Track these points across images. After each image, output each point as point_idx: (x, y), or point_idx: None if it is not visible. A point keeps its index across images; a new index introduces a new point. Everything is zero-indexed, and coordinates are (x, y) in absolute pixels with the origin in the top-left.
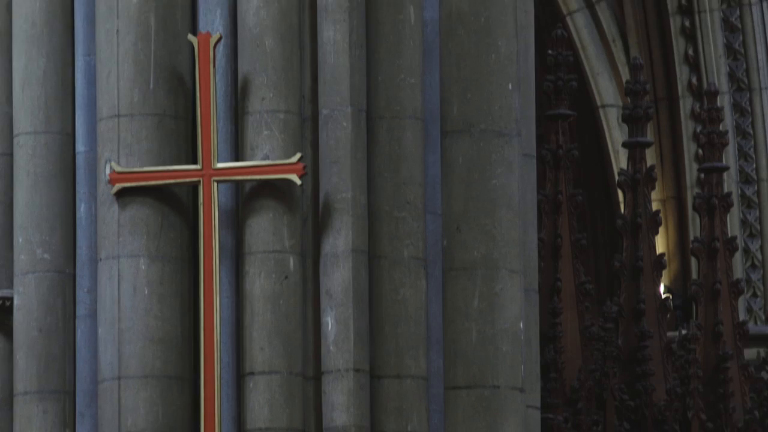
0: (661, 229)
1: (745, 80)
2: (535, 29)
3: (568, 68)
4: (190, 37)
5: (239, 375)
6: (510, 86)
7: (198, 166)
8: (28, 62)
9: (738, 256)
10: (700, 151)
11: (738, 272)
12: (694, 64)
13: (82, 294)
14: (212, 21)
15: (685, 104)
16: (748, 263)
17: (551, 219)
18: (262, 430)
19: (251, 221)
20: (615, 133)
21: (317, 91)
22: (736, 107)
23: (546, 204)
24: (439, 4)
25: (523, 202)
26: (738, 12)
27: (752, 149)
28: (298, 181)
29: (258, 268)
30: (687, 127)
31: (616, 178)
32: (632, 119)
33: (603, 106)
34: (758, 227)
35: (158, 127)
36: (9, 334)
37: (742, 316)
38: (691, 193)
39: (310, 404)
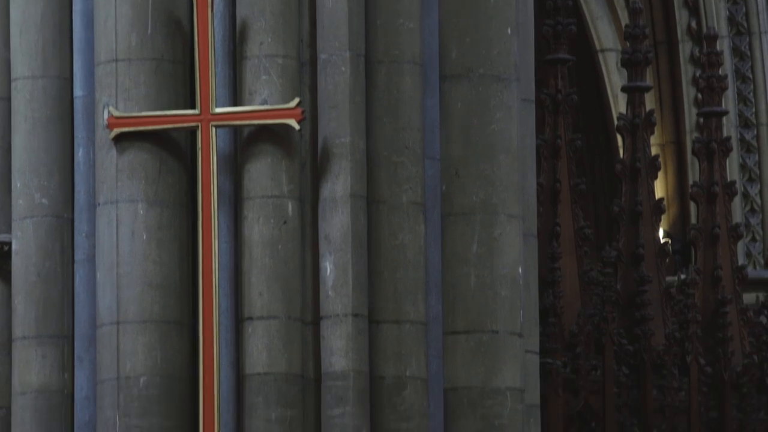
0: (660, 174)
1: (745, 24)
2: None
3: (567, 12)
4: None
5: (238, 320)
6: (509, 31)
7: (196, 111)
8: (25, 6)
9: (737, 201)
10: (700, 95)
11: (737, 216)
12: (693, 8)
13: (80, 239)
14: None
15: (685, 48)
16: (747, 207)
17: (550, 164)
18: (261, 374)
19: (250, 166)
20: (614, 78)
21: (316, 36)
22: (736, 51)
23: (545, 149)
24: None
25: (522, 147)
26: None
27: (752, 93)
28: (297, 126)
29: (256, 213)
30: (686, 71)
31: (615, 122)
32: (631, 63)
33: (602, 51)
34: (757, 171)
35: (156, 71)
36: (7, 279)
37: (741, 260)
38: (690, 137)
39: (309, 349)
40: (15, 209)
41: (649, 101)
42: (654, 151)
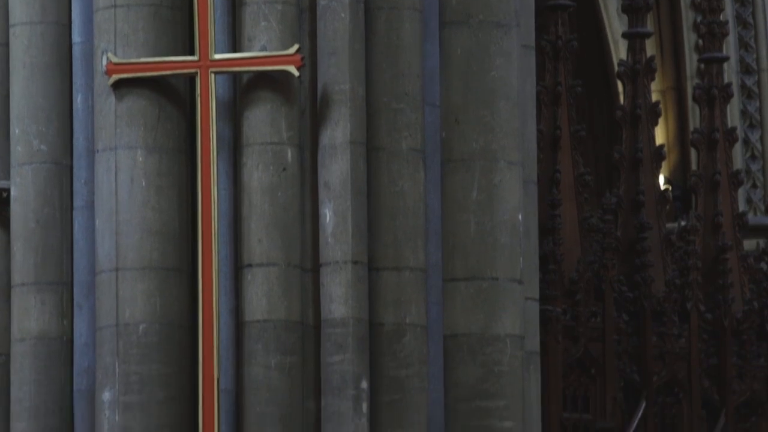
0: (661, 120)
1: None
2: None
3: None
4: None
5: (237, 267)
6: None
7: (195, 57)
8: None
9: (738, 147)
10: (700, 41)
11: (738, 163)
12: None
13: (79, 185)
14: None
15: None
16: (748, 154)
17: (550, 110)
18: (260, 321)
19: (249, 113)
20: (615, 24)
21: None
22: None
23: (545, 95)
24: None
25: (522, 94)
26: None
27: (752, 39)
28: (296, 73)
29: (256, 160)
30: (687, 17)
31: (616, 68)
32: (632, 9)
33: None
34: (758, 118)
35: (155, 17)
36: (6, 226)
37: (741, 206)
38: (691, 83)
39: (309, 296)
40: (14, 156)
41: (650, 47)
42: (654, 97)
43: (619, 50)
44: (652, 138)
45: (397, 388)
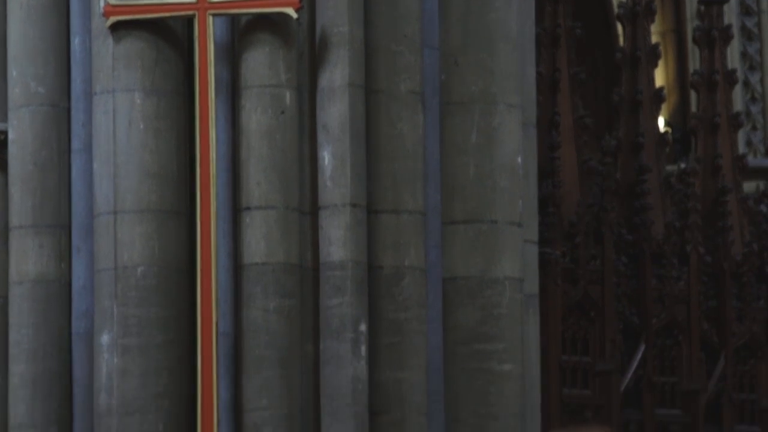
0: (661, 62)
1: None
2: None
3: None
4: None
5: (235, 210)
6: None
7: (193, 0)
8: None
9: (738, 89)
10: None
11: (738, 105)
12: None
13: (77, 128)
14: None
15: None
16: (748, 96)
17: (550, 52)
18: (259, 264)
19: (247, 55)
20: None
21: None
22: None
23: (544, 37)
24: None
25: (522, 36)
26: None
27: None
28: (294, 15)
29: (254, 102)
30: None
31: (616, 10)
32: None
33: None
34: (758, 59)
35: None
36: (4, 168)
37: (741, 149)
38: (690, 25)
39: (307, 239)
40: (11, 98)
41: None
42: (654, 39)
43: None
44: (652, 80)
45: (396, 331)
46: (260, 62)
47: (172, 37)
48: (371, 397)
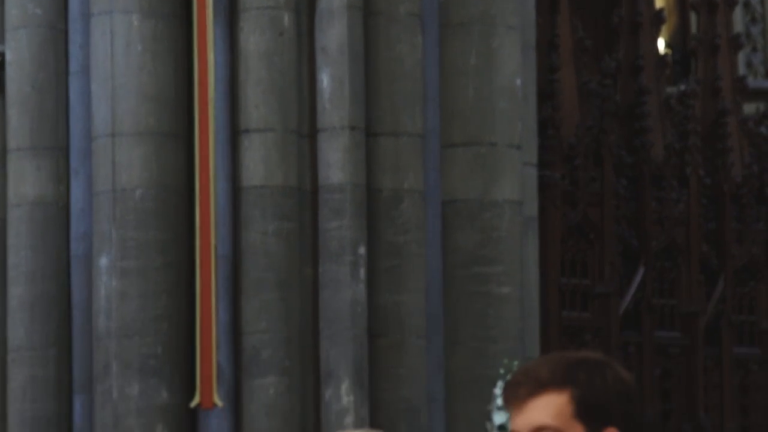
0: None
1: None
2: None
3: None
4: None
5: (234, 132)
6: None
7: None
8: None
9: (738, 10)
10: None
11: (738, 26)
12: None
13: (74, 50)
14: None
15: None
16: (749, 17)
17: None
18: (257, 187)
19: None
20: None
21: None
22: None
23: None
24: None
25: None
26: None
27: None
28: None
29: (252, 24)
30: None
31: None
32: None
33: None
34: None
35: None
36: (1, 91)
37: (741, 70)
38: None
39: (306, 162)
40: (8, 19)
41: None
42: None
43: None
44: (652, 1)
45: (395, 254)
46: None
47: None
48: (370, 320)
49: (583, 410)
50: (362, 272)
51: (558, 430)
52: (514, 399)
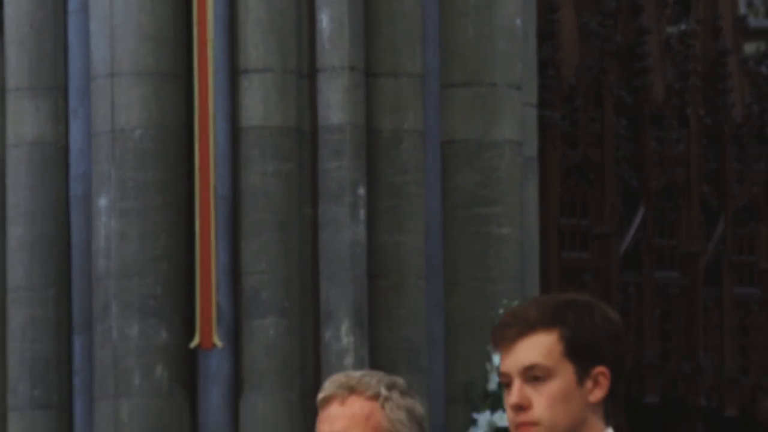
0: None
1: None
2: None
3: None
4: None
5: (233, 72)
6: None
7: None
8: None
9: None
10: None
11: None
12: None
13: None
14: None
15: None
16: None
17: None
18: (257, 128)
19: None
20: None
21: None
22: None
23: None
24: None
25: None
26: None
27: None
28: None
29: None
30: None
31: None
32: None
33: None
34: None
35: None
36: (0, 30)
37: (742, 10)
38: None
39: (305, 102)
40: None
41: None
42: None
43: None
44: None
45: (395, 195)
46: None
47: None
48: (369, 260)
49: (572, 349)
50: (362, 213)
51: (548, 369)
52: (503, 340)
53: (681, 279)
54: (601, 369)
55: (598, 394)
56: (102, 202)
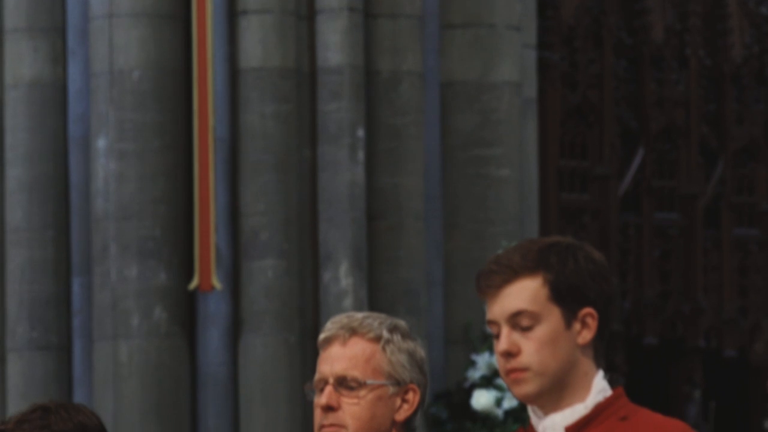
0: None
1: None
2: None
3: None
4: None
5: (232, 14)
6: None
7: None
8: None
9: None
10: None
11: None
12: None
13: None
14: None
15: None
16: None
17: None
18: (255, 69)
19: None
20: None
21: None
22: None
23: None
24: None
25: None
26: None
27: None
28: None
29: None
30: None
31: None
32: None
33: None
34: None
35: None
36: None
37: None
38: None
39: (304, 44)
40: None
41: None
42: None
43: None
44: None
45: (394, 136)
46: None
47: None
48: (368, 202)
49: (557, 293)
50: (361, 154)
51: (534, 314)
52: (488, 288)
53: (680, 220)
54: (588, 310)
55: (586, 336)
56: (100, 143)
